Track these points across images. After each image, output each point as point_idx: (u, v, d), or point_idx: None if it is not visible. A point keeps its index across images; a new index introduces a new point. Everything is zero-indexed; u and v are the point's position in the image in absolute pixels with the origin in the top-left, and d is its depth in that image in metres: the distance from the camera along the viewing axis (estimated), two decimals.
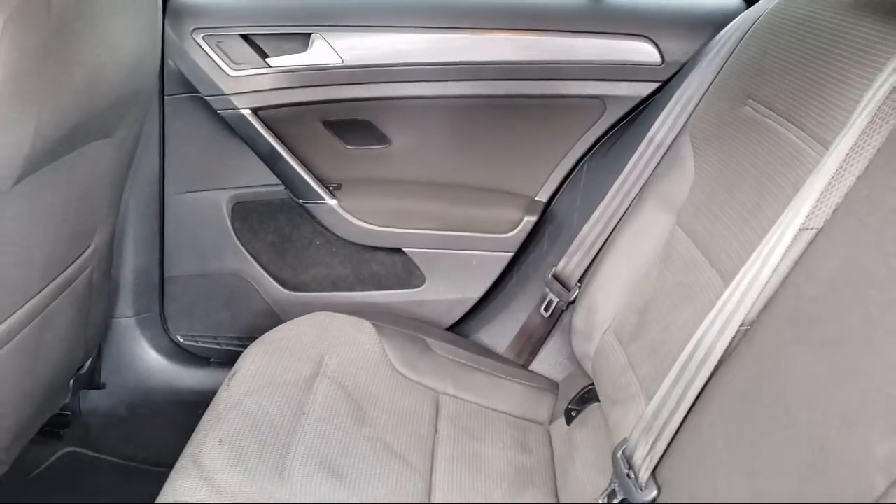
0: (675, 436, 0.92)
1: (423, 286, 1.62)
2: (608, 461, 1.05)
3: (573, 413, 1.34)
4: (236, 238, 1.63)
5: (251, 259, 1.64)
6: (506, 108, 1.53)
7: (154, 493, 1.04)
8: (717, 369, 0.89)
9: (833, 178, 0.84)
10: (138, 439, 1.67)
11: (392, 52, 1.48)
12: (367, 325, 1.41)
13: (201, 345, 1.69)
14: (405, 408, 1.28)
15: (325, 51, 1.48)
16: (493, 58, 1.48)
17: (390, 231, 1.58)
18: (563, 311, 1.47)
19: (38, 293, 1.18)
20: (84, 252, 1.32)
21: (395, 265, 1.63)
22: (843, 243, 0.80)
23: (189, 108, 1.52)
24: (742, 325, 0.89)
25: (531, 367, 1.52)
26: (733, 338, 0.89)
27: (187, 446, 1.12)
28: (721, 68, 1.29)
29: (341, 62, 1.48)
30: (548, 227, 1.60)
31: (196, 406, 1.25)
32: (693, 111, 1.31)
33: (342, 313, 1.42)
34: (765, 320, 0.87)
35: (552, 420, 1.39)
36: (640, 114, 1.49)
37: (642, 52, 1.47)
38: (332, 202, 1.56)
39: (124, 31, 1.14)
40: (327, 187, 1.57)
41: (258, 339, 1.35)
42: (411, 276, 1.63)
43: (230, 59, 1.47)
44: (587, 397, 1.35)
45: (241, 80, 1.48)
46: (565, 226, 1.55)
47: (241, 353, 1.33)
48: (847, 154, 0.84)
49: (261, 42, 1.48)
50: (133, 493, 1.13)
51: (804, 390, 0.75)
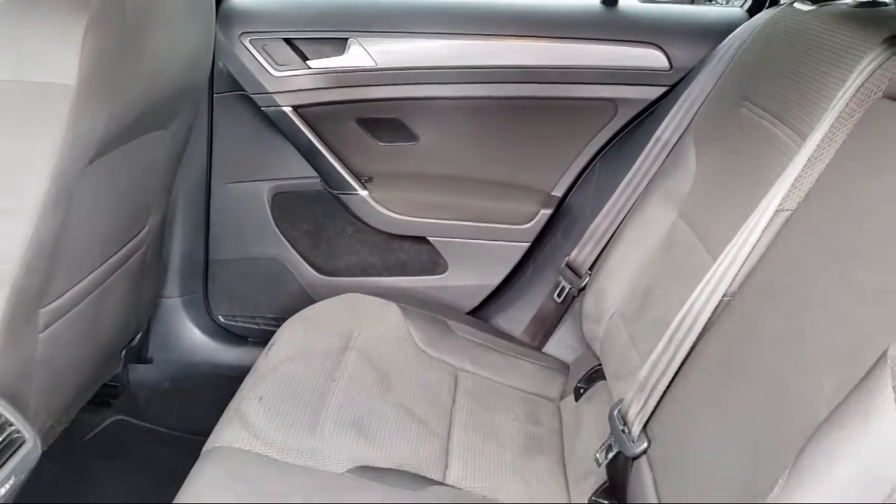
0: (664, 395, 1.03)
1: (446, 273, 1.74)
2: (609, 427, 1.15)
3: (581, 390, 1.45)
4: (275, 226, 1.75)
5: (288, 245, 1.76)
6: (525, 109, 1.65)
7: (193, 459, 1.14)
8: (701, 336, 1.01)
9: (806, 165, 0.96)
10: (180, 410, 1.80)
11: (421, 56, 1.61)
12: (393, 306, 1.53)
13: (240, 324, 1.82)
14: (426, 380, 1.39)
15: (361, 54, 1.61)
16: (513, 62, 1.60)
17: (416, 221, 1.70)
18: (574, 298, 1.58)
19: (99, 266, 1.31)
20: (139, 233, 1.45)
21: (420, 254, 1.75)
22: (812, 222, 0.92)
23: (235, 106, 1.66)
24: (725, 296, 1.00)
25: (544, 350, 1.63)
26: (717, 308, 1.00)
27: (231, 403, 1.25)
28: (722, 74, 1.40)
29: (375, 65, 1.61)
30: (562, 219, 1.71)
31: (234, 381, 1.35)
32: (696, 113, 1.43)
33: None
34: (744, 291, 0.98)
35: (562, 397, 1.49)
36: (648, 115, 1.60)
37: (652, 58, 1.59)
38: (364, 193, 1.69)
39: (184, 32, 1.28)
40: (359, 180, 1.69)
41: (295, 315, 1.47)
42: (435, 263, 1.75)
43: (274, 61, 1.60)
44: (594, 376, 1.45)
45: (284, 80, 1.61)
46: (578, 219, 1.66)
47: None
48: (818, 144, 0.95)
49: (302, 46, 1.62)
50: (174, 459, 1.19)
51: (773, 348, 0.86)
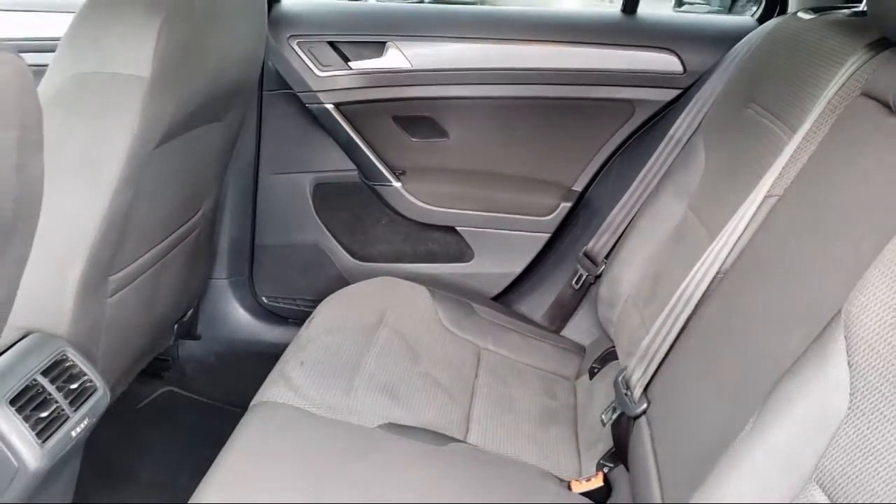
0: (664, 361, 1.14)
1: (472, 261, 1.86)
2: None
3: (595, 370, 1.55)
4: (316, 214, 1.89)
5: (327, 233, 1.90)
6: (548, 109, 1.77)
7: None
8: (697, 308, 1.12)
9: (793, 156, 1.07)
10: (225, 384, 1.92)
11: (453, 59, 1.74)
12: (422, 289, 1.65)
13: (282, 305, 1.96)
14: (451, 356, 1.51)
15: (397, 57, 1.75)
16: (538, 65, 1.72)
17: (445, 211, 1.83)
18: (591, 285, 1.69)
19: (159, 242, 1.46)
20: (194, 215, 1.59)
21: (449, 244, 1.88)
22: (794, 205, 1.03)
23: (282, 103, 1.80)
24: (719, 273, 1.11)
25: (562, 333, 1.74)
26: (711, 283, 1.11)
27: (275, 367, 1.38)
28: (731, 77, 1.51)
29: (410, 67, 1.74)
30: (581, 212, 1.82)
31: (275, 358, 1.45)
32: (707, 113, 1.53)
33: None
34: (736, 267, 1.09)
35: (578, 376, 1.60)
36: (663, 116, 1.71)
37: (667, 62, 1.70)
38: (398, 185, 1.82)
39: (240, 35, 1.42)
40: (394, 172, 1.82)
41: (333, 294, 1.60)
42: (462, 252, 1.87)
43: (318, 62, 1.74)
44: (608, 357, 1.56)
45: (327, 79, 1.75)
46: (597, 211, 1.77)
47: None
48: (804, 137, 1.06)
49: (344, 48, 1.76)
50: (218, 428, 1.28)
51: (754, 314, 0.97)
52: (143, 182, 1.26)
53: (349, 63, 1.76)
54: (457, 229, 1.85)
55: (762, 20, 1.67)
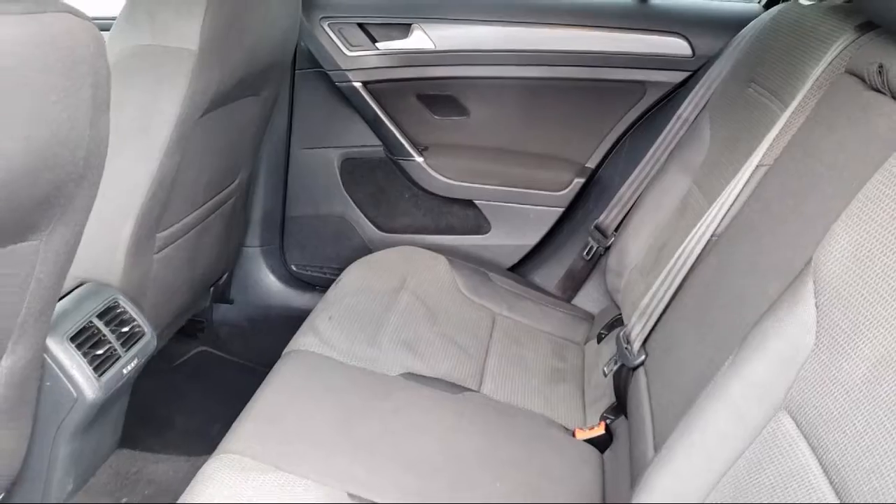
0: (661, 317, 1.24)
1: (489, 233, 1.96)
2: None
3: (602, 335, 1.65)
4: (343, 188, 2.00)
5: (354, 205, 2.00)
6: (564, 90, 1.86)
7: None
8: (693, 268, 1.22)
9: (783, 128, 1.16)
10: (255, 345, 2.04)
11: (475, 41, 1.84)
12: (441, 258, 1.75)
13: (310, 273, 2.07)
14: (468, 319, 1.61)
15: (422, 38, 1.84)
16: (555, 48, 1.81)
17: (465, 185, 1.92)
18: (601, 256, 1.79)
19: (201, 206, 1.57)
20: (232, 183, 1.71)
21: (467, 217, 1.98)
22: (782, 173, 1.12)
23: (313, 81, 1.91)
24: (713, 236, 1.21)
25: (573, 302, 1.84)
26: (706, 245, 1.21)
27: (305, 321, 1.50)
28: (736, 59, 1.60)
29: (434, 48, 1.84)
30: (594, 188, 1.91)
31: (302, 322, 1.53)
32: (713, 93, 1.62)
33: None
34: (728, 231, 1.19)
35: (586, 341, 1.70)
36: (673, 96, 1.79)
37: (677, 46, 1.78)
38: (420, 160, 1.92)
39: (277, 15, 1.53)
40: (417, 148, 1.92)
41: (359, 260, 1.71)
42: (479, 226, 1.96)
43: (348, 42, 1.85)
44: (615, 323, 1.65)
45: (356, 59, 1.85)
46: (608, 187, 1.86)
47: None
48: (794, 111, 1.15)
49: (372, 30, 1.86)
50: (248, 385, 1.35)
51: (739, 268, 1.07)
52: (188, 148, 1.37)
53: (377, 44, 1.85)
54: (475, 203, 1.94)
55: (767, 6, 1.76)
